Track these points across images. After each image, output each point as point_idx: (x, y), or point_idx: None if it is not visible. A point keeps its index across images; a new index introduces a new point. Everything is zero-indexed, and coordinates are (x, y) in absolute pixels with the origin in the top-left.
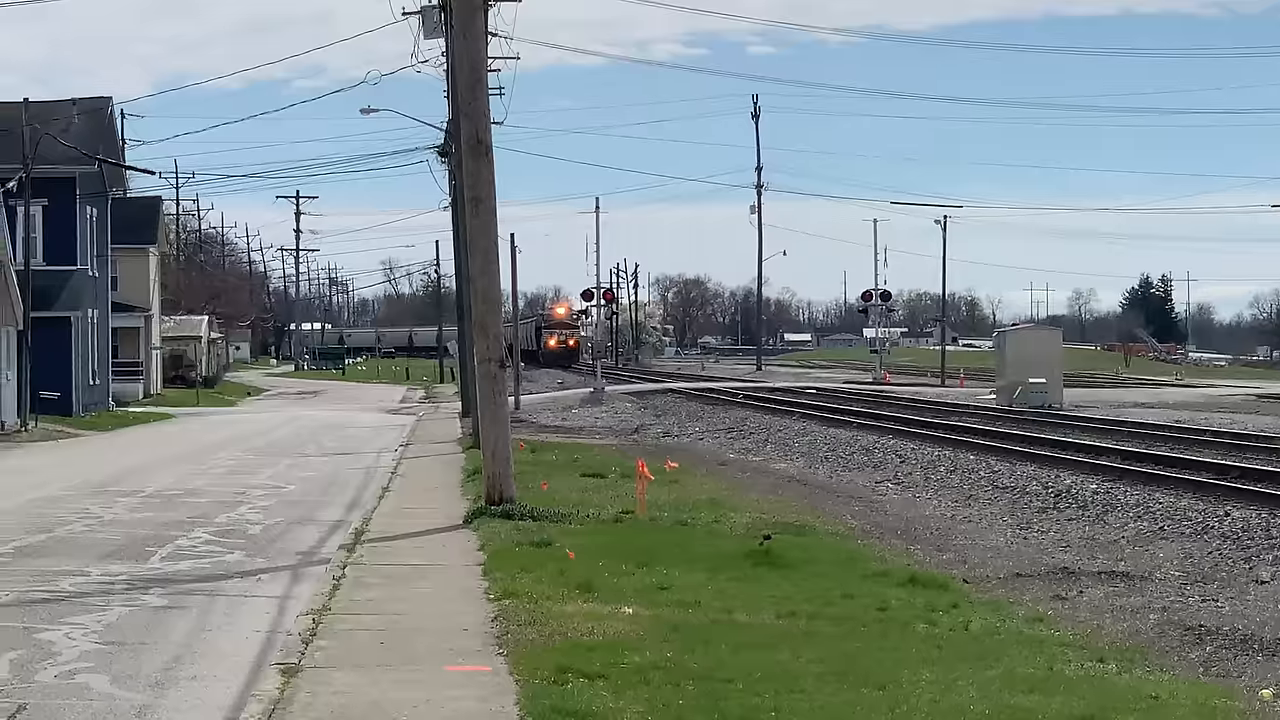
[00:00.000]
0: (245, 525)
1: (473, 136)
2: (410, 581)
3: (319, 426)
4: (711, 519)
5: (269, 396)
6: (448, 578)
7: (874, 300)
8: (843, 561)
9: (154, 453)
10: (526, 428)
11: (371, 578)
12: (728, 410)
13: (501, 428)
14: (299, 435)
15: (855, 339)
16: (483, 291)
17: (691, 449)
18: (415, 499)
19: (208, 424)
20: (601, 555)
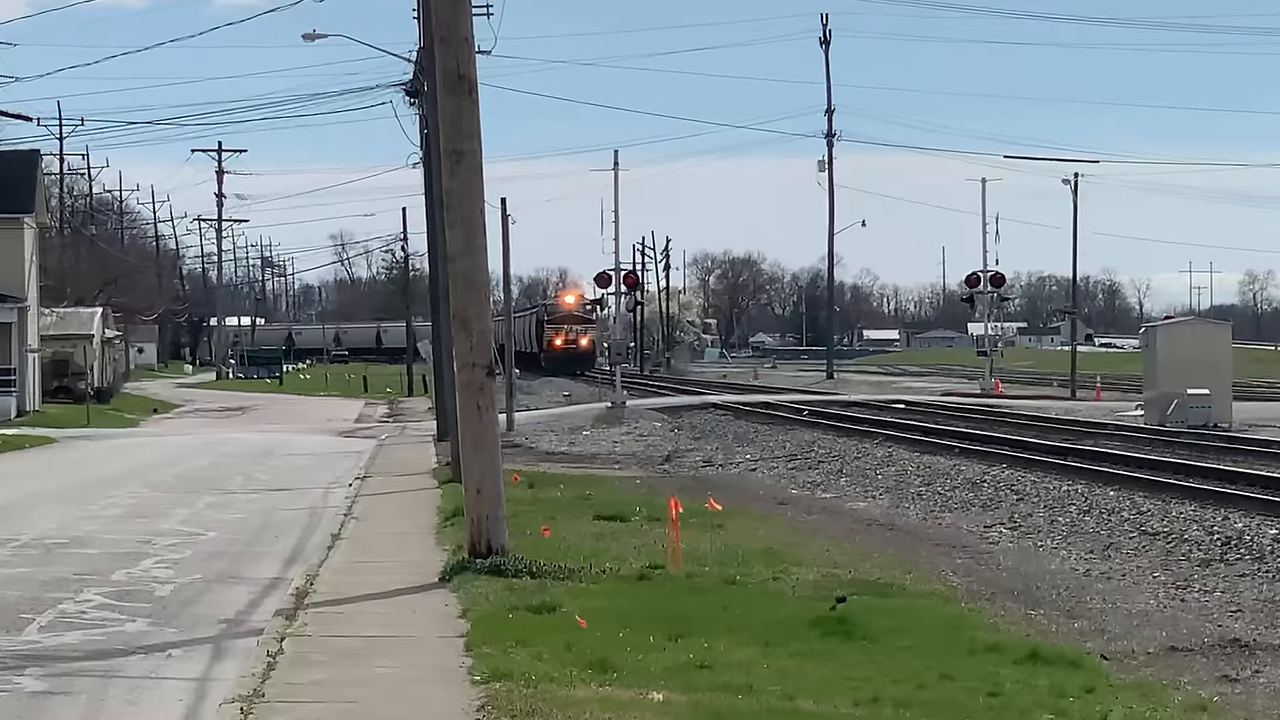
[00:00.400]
0: (151, 584)
1: (452, 70)
2: (369, 659)
3: (249, 454)
4: (768, 575)
5: (183, 414)
6: (419, 654)
7: (982, 286)
8: (941, 631)
9: (28, 488)
10: (523, 455)
11: (318, 654)
12: (789, 431)
13: (489, 455)
14: (222, 465)
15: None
16: (465, 275)
17: (741, 483)
18: (376, 549)
19: (101, 450)
20: (622, 623)
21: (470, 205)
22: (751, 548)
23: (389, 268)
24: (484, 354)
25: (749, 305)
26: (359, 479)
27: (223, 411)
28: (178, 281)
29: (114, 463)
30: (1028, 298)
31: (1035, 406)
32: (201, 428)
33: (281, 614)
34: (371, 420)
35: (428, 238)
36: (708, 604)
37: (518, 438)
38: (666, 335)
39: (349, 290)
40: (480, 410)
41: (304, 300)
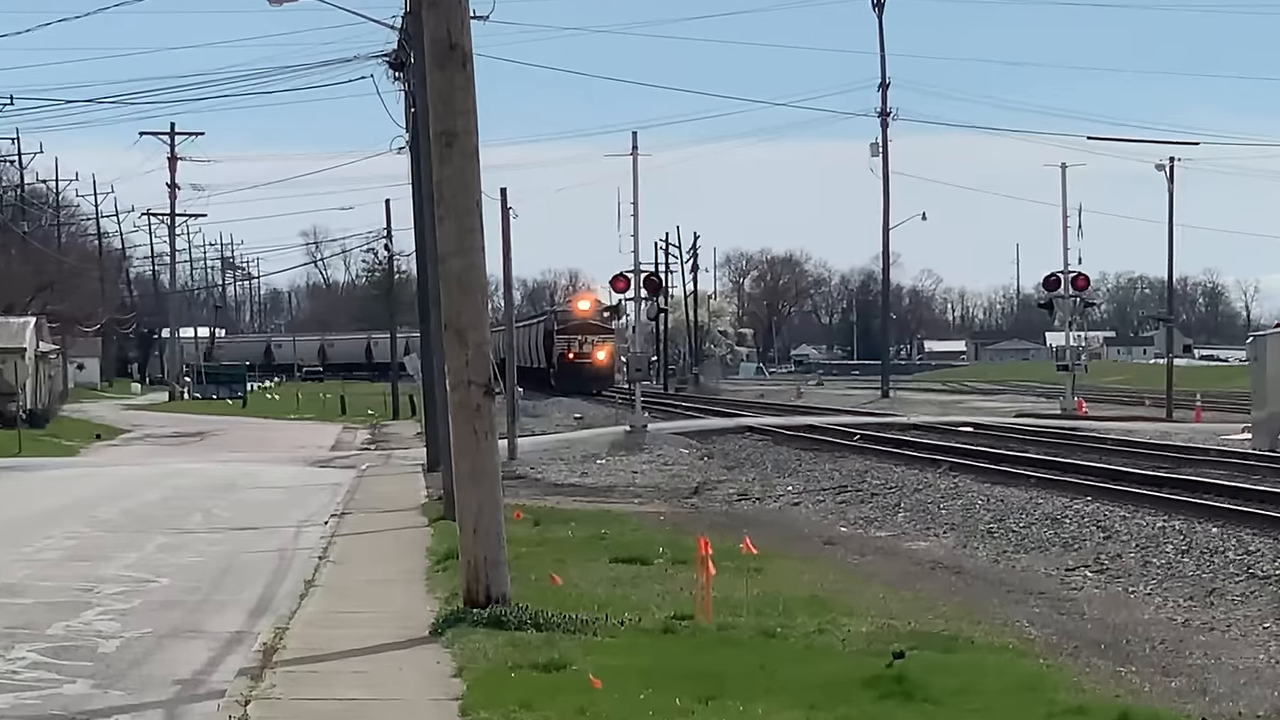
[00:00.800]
0: (94, 639)
1: (442, 38)
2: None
3: (207, 487)
4: (813, 627)
5: (131, 440)
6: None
7: (1063, 289)
8: (1015, 692)
9: None
10: (527, 487)
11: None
12: (837, 459)
13: (488, 488)
14: (176, 500)
15: (1033, 348)
16: (458, 278)
17: (782, 519)
18: (356, 598)
19: (36, 483)
20: (644, 683)
21: (465, 197)
22: (794, 595)
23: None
24: (481, 370)
25: (790, 312)
26: (336, 516)
27: (177, 438)
28: (124, 286)
29: (50, 497)
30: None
31: (1125, 429)
32: (152, 456)
33: (246, 674)
34: (350, 447)
35: (415, 235)
36: (743, 660)
37: (521, 467)
38: (694, 347)
39: (324, 296)
40: (477, 435)
41: (272, 307)
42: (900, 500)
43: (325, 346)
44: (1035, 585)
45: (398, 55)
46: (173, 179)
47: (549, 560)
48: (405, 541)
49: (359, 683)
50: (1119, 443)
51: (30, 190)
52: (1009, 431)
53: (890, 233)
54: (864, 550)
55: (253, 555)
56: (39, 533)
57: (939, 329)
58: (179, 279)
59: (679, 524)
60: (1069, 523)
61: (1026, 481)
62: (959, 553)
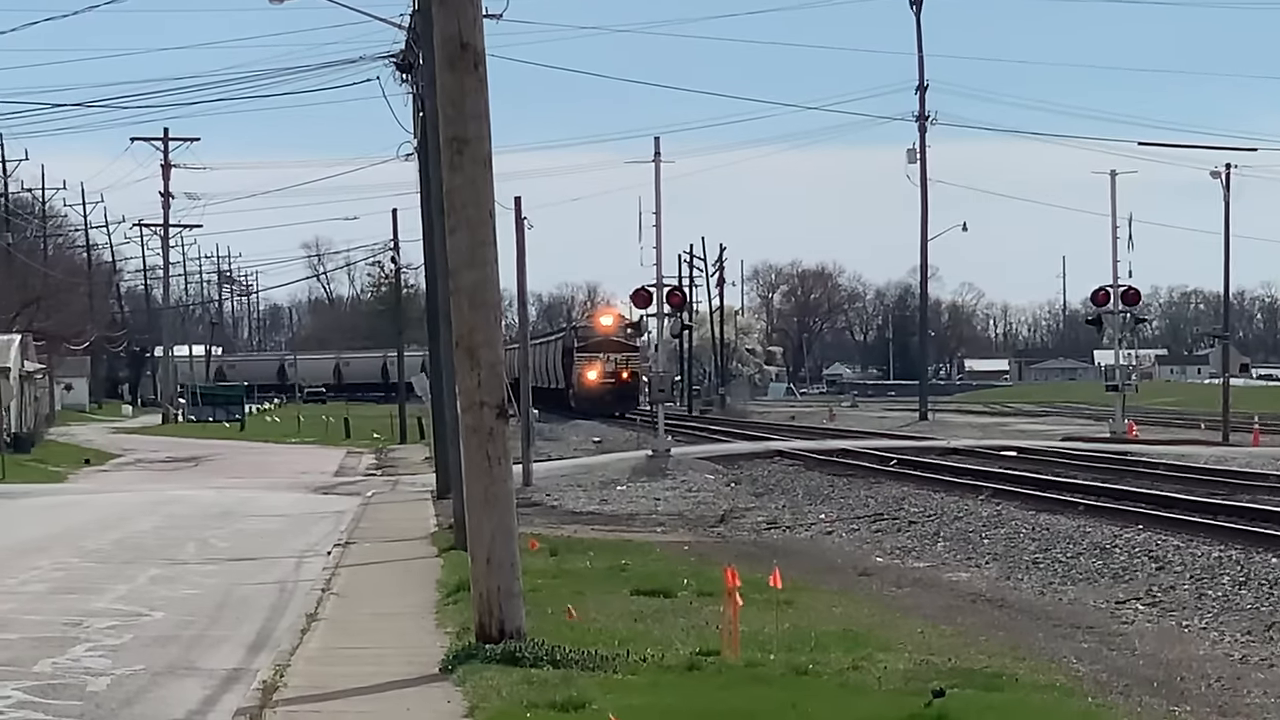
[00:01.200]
0: (82, 676)
1: (453, 37)
2: None
3: (203, 515)
4: (847, 664)
5: (122, 465)
6: None
7: (1112, 304)
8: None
9: None
10: (543, 515)
11: None
12: (872, 485)
13: (502, 516)
14: (170, 529)
15: (1080, 367)
16: (470, 292)
17: (814, 549)
18: (362, 633)
19: (21, 511)
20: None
21: (477, 206)
22: (827, 629)
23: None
24: (494, 390)
25: (822, 329)
26: (340, 546)
27: (171, 463)
28: (114, 302)
29: (36, 526)
30: (1168, 319)
31: (1178, 453)
32: (145, 483)
33: (244, 714)
34: (355, 473)
35: (424, 247)
36: (773, 699)
37: (536, 494)
38: (721, 366)
39: (327, 312)
40: (490, 460)
41: (272, 324)
42: (939, 529)
43: (340, 365)
44: (1083, 619)
45: (405, 56)
46: (166, 187)
47: (566, 592)
48: (413, 573)
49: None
50: (1172, 468)
51: (15, 199)
52: (1055, 456)
53: (929, 244)
54: (901, 582)
55: (251, 587)
56: (24, 564)
57: (980, 347)
58: (173, 294)
59: (704, 554)
60: (1119, 552)
61: (1074, 509)
62: (1002, 584)
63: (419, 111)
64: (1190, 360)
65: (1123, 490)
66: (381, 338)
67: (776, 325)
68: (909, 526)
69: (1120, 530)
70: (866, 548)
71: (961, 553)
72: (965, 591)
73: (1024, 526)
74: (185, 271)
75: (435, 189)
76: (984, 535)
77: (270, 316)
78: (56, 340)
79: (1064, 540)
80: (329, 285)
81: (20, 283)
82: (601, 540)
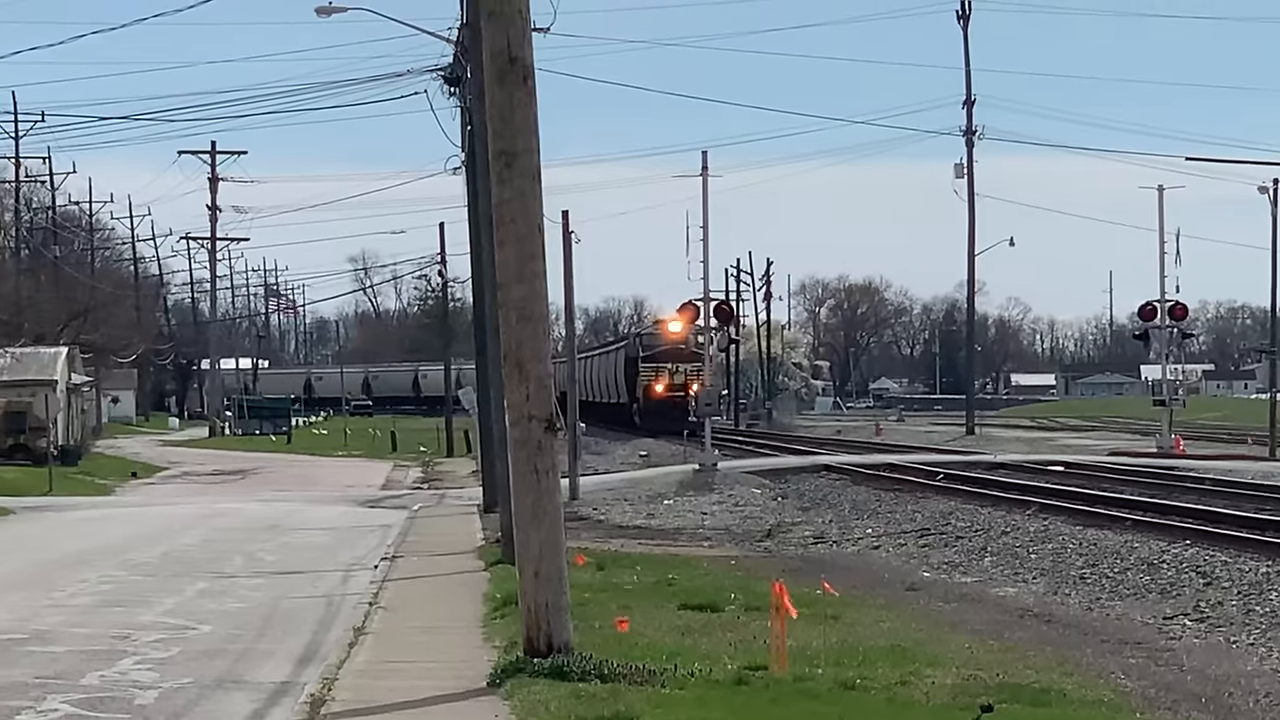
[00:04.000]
0: (130, 690)
1: (502, 51)
2: None
3: (250, 528)
4: (895, 678)
5: (169, 478)
6: None
7: (1159, 319)
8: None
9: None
10: (590, 529)
11: None
12: (919, 500)
13: (550, 530)
14: (217, 542)
15: (1127, 382)
16: (519, 306)
17: (861, 564)
18: (409, 647)
19: (68, 524)
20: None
21: (526, 220)
22: (874, 644)
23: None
24: (543, 404)
25: (869, 343)
26: (387, 559)
27: (217, 476)
28: (161, 315)
29: (83, 539)
30: (1215, 334)
31: (1226, 469)
32: (192, 496)
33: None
34: (401, 486)
35: (471, 260)
36: (821, 714)
37: (583, 508)
38: (767, 381)
39: (373, 325)
40: (538, 474)
41: (318, 337)
42: (987, 544)
43: (370, 379)
44: (1131, 634)
45: (453, 70)
46: (213, 201)
47: (613, 607)
48: (461, 586)
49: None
50: (1219, 483)
51: (62, 213)
52: (1102, 471)
53: (976, 259)
54: (948, 597)
55: (299, 601)
56: (72, 577)
57: (1027, 361)
58: (219, 307)
59: (751, 568)
60: (1166, 568)
61: (1121, 524)
62: (1049, 600)
63: (467, 125)
64: (1237, 375)
65: (1170, 505)
66: (427, 351)
67: (823, 339)
68: (956, 541)
69: (1168, 545)
70: (913, 562)
71: (1009, 568)
72: (1013, 607)
73: (1071, 542)
74: (232, 285)
75: (483, 202)
76: (1031, 550)
77: (317, 330)
78: (103, 353)
79: (1111, 555)
80: (375, 299)
81: (68, 296)
82: (648, 555)
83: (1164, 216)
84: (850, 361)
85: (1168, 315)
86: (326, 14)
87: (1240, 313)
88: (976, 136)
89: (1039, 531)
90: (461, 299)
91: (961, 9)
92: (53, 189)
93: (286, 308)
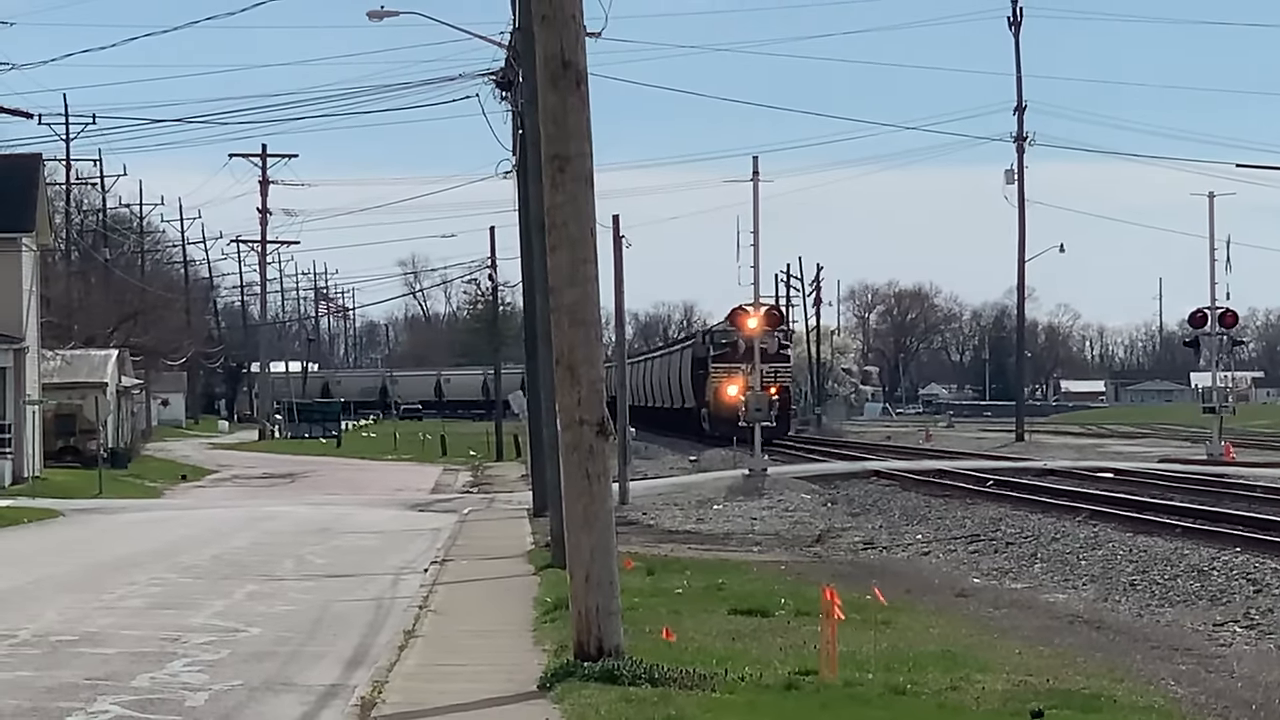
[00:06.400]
0: (180, 692)
1: (555, 56)
2: None
3: (299, 531)
4: (945, 684)
5: (218, 481)
6: None
7: (1209, 325)
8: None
9: (29, 574)
10: (639, 534)
11: None
12: (968, 506)
13: (601, 534)
14: (267, 545)
15: (1177, 389)
16: (571, 310)
17: (911, 569)
18: (459, 650)
19: (118, 526)
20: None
21: (578, 225)
22: (925, 650)
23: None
24: (594, 408)
25: (919, 349)
26: (436, 563)
27: (267, 479)
28: (211, 318)
29: (133, 542)
30: (1265, 341)
31: (1276, 476)
32: (241, 499)
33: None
34: (451, 490)
35: (522, 264)
36: (871, 719)
37: (632, 512)
38: (817, 386)
39: (423, 330)
40: (590, 478)
41: (368, 341)
42: (1036, 550)
43: (441, 382)
44: (1181, 641)
45: (505, 74)
46: (264, 204)
47: (663, 611)
48: (511, 590)
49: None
50: (1269, 490)
51: (113, 215)
52: (1152, 477)
53: (1025, 265)
54: (998, 603)
55: (348, 604)
56: (122, 579)
57: (1076, 368)
58: (269, 310)
59: (801, 574)
60: (1216, 575)
61: (1171, 531)
62: (1099, 606)
63: (518, 129)
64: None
65: (1220, 513)
66: (477, 355)
67: (873, 345)
68: (1006, 548)
69: (1218, 553)
70: (963, 568)
71: (1059, 574)
72: (1062, 613)
73: (1121, 548)
74: (282, 288)
75: (534, 206)
76: (1081, 557)
77: (367, 334)
78: (154, 356)
79: (1161, 562)
80: (425, 303)
81: (117, 298)
82: (698, 559)
83: (1214, 223)
84: (899, 367)
85: (1218, 322)
86: (379, 17)
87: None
88: (1027, 143)
89: (1088, 538)
90: (511, 303)
91: (1013, 15)
92: (103, 191)
93: (336, 311)
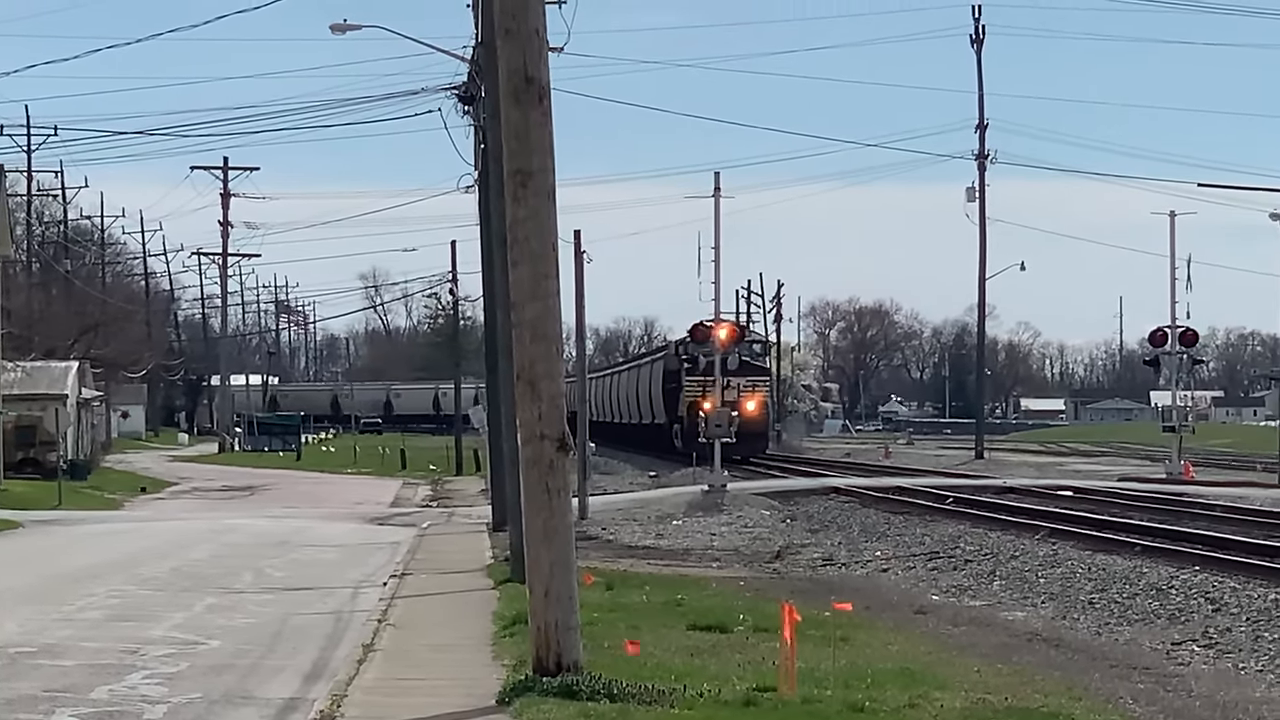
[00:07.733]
0: (139, 704)
1: (518, 70)
2: None
3: (259, 544)
4: (904, 701)
5: (178, 494)
6: None
7: (1170, 344)
8: None
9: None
10: (599, 549)
11: None
12: (928, 523)
13: (560, 549)
14: (226, 558)
15: (1137, 408)
16: (532, 325)
17: (869, 586)
18: (418, 664)
19: (77, 538)
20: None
21: (540, 240)
22: (883, 667)
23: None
24: (555, 423)
25: (879, 366)
26: (396, 577)
27: (227, 492)
28: (172, 330)
29: (92, 553)
30: (1225, 360)
31: (1235, 495)
32: (201, 511)
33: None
34: (411, 504)
35: (483, 279)
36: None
37: (592, 528)
38: (777, 403)
39: (383, 343)
40: (550, 493)
41: (328, 354)
42: (995, 568)
43: (391, 396)
44: (1139, 659)
45: (468, 88)
46: (225, 216)
47: (622, 627)
48: (470, 605)
49: None
50: (1228, 510)
51: (74, 227)
52: (1111, 496)
53: (986, 283)
54: (957, 620)
55: (308, 617)
56: (80, 591)
57: (1036, 386)
58: (230, 323)
59: (760, 590)
60: (1175, 594)
61: (1130, 549)
62: (1058, 624)
63: (480, 143)
64: (1246, 402)
65: (1179, 531)
66: (437, 369)
67: (833, 362)
68: (965, 565)
69: (1176, 571)
70: (922, 585)
71: (1018, 592)
72: (1021, 630)
73: (1080, 566)
74: (243, 300)
75: (496, 221)
76: (1040, 575)
77: (327, 347)
78: (114, 368)
79: (1120, 580)
80: (386, 316)
81: (78, 310)
82: (657, 575)
83: (1175, 242)
84: (860, 384)
85: (1178, 341)
86: (341, 31)
87: (1250, 339)
88: (989, 161)
89: (1048, 556)
90: (472, 317)
91: (975, 34)
92: (64, 203)
93: (297, 324)
